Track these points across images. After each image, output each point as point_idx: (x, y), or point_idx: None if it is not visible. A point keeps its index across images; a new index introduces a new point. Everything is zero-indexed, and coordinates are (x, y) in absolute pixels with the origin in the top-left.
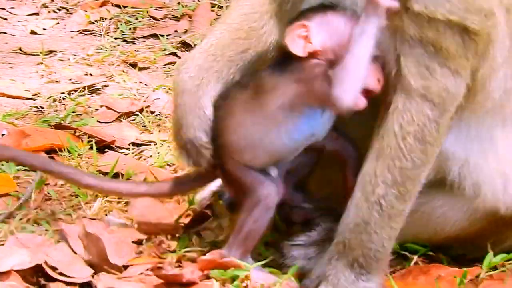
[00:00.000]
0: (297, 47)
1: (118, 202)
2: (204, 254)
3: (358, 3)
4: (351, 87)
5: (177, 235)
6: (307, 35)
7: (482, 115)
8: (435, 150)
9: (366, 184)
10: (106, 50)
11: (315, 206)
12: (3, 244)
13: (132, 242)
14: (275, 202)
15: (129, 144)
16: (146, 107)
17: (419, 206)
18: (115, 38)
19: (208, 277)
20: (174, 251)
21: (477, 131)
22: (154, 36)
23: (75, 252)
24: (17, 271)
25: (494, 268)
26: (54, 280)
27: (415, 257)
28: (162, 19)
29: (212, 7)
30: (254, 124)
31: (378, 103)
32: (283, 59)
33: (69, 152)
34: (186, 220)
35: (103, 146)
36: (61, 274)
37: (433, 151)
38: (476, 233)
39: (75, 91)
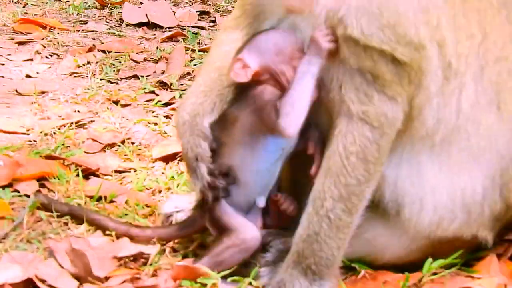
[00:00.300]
0: (240, 76)
1: None
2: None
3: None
4: (295, 120)
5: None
6: (244, 64)
7: (415, 141)
8: (378, 168)
9: (316, 199)
10: (92, 90)
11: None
12: None
13: (113, 257)
14: (256, 245)
15: (112, 171)
16: (127, 139)
17: (362, 233)
18: (100, 79)
19: (180, 285)
20: (150, 264)
21: (408, 156)
22: (135, 76)
23: (62, 267)
24: (11, 285)
25: (435, 273)
26: None
27: (363, 271)
28: (142, 61)
29: (186, 50)
30: (236, 154)
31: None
32: (240, 93)
33: (58, 179)
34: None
35: (89, 174)
36: (49, 286)
37: (375, 169)
38: (414, 258)
39: (64, 126)
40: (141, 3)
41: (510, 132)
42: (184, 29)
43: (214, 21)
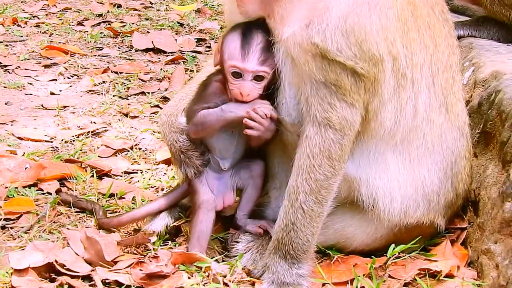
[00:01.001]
0: (215, 59)
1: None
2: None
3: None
4: (197, 130)
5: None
6: (217, 49)
7: (379, 142)
8: (341, 165)
9: (291, 193)
10: (106, 105)
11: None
12: (23, 249)
13: (119, 243)
14: (212, 206)
15: (122, 173)
16: (135, 145)
17: (333, 224)
18: (113, 96)
19: (179, 269)
20: (151, 250)
21: (375, 156)
22: (142, 93)
23: (77, 254)
24: (33, 268)
25: (398, 257)
26: (62, 274)
27: (336, 256)
28: (148, 81)
29: (185, 71)
30: None
31: None
32: None
33: (76, 179)
34: None
35: (102, 175)
36: (67, 269)
37: (340, 166)
38: (378, 245)
39: (82, 135)
40: (148, 32)
41: (456, 130)
42: (184, 53)
43: (209, 47)
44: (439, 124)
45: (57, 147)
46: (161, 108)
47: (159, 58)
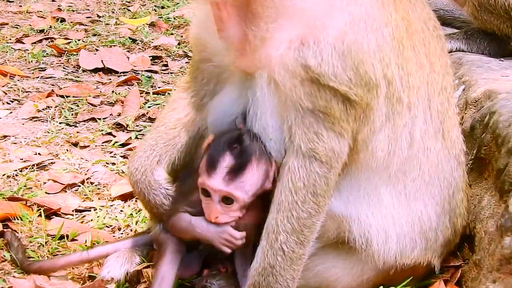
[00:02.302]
0: None
1: None
2: None
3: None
4: None
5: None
6: None
7: (370, 174)
8: (326, 201)
9: (270, 233)
10: (52, 133)
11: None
12: None
13: None
14: (179, 249)
15: (72, 211)
16: (87, 179)
17: (314, 266)
18: (60, 123)
19: None
20: None
21: (366, 190)
22: (93, 119)
23: None
24: None
25: None
26: None
27: None
28: (99, 105)
29: (140, 93)
30: None
31: None
32: None
33: (21, 219)
34: None
35: (50, 213)
36: None
37: (324, 202)
38: None
39: (26, 168)
40: (97, 49)
41: (453, 159)
42: (138, 73)
43: (166, 65)
44: (436, 153)
45: None
46: (114, 136)
47: (110, 79)
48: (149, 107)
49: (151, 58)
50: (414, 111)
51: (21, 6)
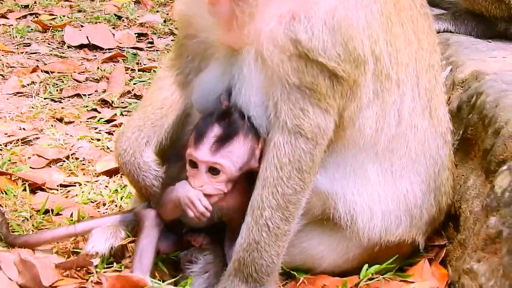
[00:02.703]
0: None
1: None
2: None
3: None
4: None
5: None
6: None
7: (357, 152)
8: (312, 177)
9: (255, 209)
10: (37, 108)
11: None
12: None
13: (58, 266)
14: (157, 222)
15: (57, 186)
16: (71, 155)
17: (300, 243)
18: (45, 98)
19: None
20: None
21: (352, 167)
22: (78, 95)
23: (10, 279)
24: None
25: (371, 279)
26: None
27: (302, 277)
28: (84, 81)
29: (126, 70)
30: None
31: None
32: None
33: (5, 193)
34: None
35: (35, 188)
36: None
37: (310, 179)
38: (350, 267)
39: (11, 143)
40: (82, 25)
41: (440, 137)
42: (124, 50)
43: (151, 43)
44: (423, 130)
45: None
46: (99, 112)
47: (95, 56)
48: (134, 84)
49: (136, 35)
50: (403, 88)
51: None
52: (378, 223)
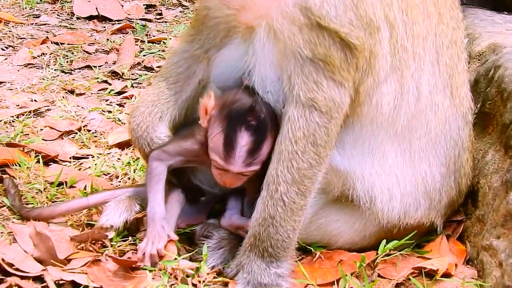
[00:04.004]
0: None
1: None
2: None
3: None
4: None
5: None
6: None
7: (375, 130)
8: (327, 152)
9: (270, 183)
10: (47, 80)
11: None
12: None
13: (73, 239)
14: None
15: (70, 158)
16: (83, 126)
17: (317, 219)
18: (55, 70)
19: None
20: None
21: (371, 146)
22: (88, 67)
23: (26, 251)
24: None
25: (388, 255)
26: (10, 275)
27: (318, 252)
28: (94, 53)
29: (135, 42)
30: None
31: None
32: None
33: (19, 165)
34: None
35: (48, 160)
36: (16, 269)
37: (325, 153)
38: (367, 244)
39: (22, 114)
40: None
41: (461, 117)
42: (132, 21)
43: (160, 14)
44: (444, 110)
45: None
46: (109, 84)
47: (105, 27)
48: (144, 55)
49: (145, 6)
50: (420, 63)
51: None
52: (397, 205)
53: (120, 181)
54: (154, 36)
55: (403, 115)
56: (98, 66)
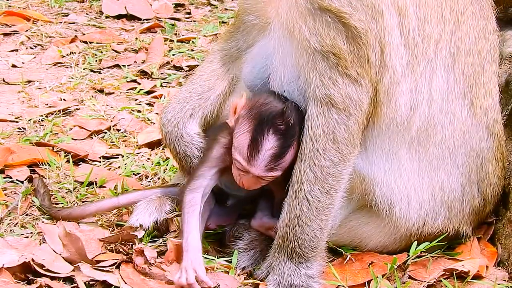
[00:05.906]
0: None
1: None
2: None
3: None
4: None
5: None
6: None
7: (392, 134)
8: (350, 149)
9: (294, 183)
10: (76, 79)
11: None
12: None
13: (102, 240)
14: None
15: (100, 157)
16: (113, 126)
17: (348, 221)
18: (84, 69)
19: None
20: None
21: (388, 152)
22: (117, 66)
23: (55, 252)
24: (7, 269)
25: (420, 256)
26: (40, 275)
27: (349, 254)
28: (123, 52)
29: (164, 41)
30: None
31: None
32: None
33: (48, 165)
34: None
35: (77, 160)
36: (47, 270)
37: (348, 150)
38: (397, 247)
39: (52, 114)
40: None
41: (484, 129)
42: (161, 20)
43: (189, 13)
44: (462, 119)
45: (24, 128)
46: (139, 84)
47: (133, 26)
48: (173, 55)
49: (174, 5)
50: (431, 65)
51: None
52: (415, 213)
53: (150, 181)
54: (183, 35)
55: (417, 117)
56: (127, 65)
